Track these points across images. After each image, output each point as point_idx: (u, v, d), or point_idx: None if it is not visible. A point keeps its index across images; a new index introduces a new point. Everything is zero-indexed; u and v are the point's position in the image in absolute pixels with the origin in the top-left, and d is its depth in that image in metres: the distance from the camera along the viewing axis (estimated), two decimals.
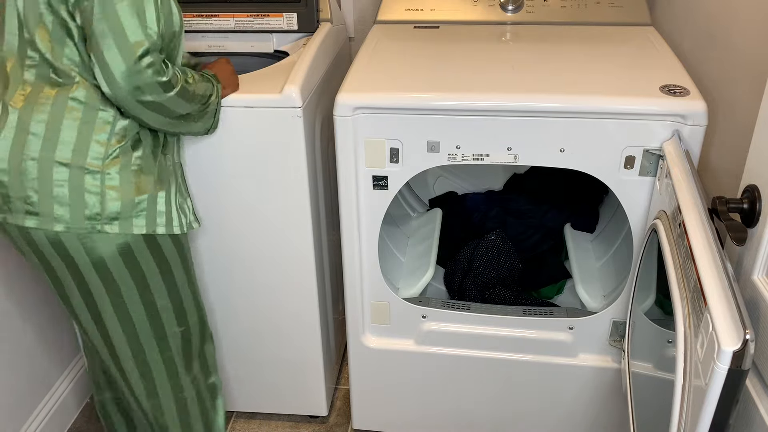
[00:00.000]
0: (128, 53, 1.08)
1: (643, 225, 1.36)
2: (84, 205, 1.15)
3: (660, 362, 1.18)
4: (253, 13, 1.64)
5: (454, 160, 1.35)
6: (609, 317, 1.47)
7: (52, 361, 1.74)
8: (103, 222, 1.17)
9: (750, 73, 1.24)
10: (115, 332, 1.28)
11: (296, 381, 1.73)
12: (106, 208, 1.16)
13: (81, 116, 1.15)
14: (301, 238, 1.51)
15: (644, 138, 1.28)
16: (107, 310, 1.25)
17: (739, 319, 0.78)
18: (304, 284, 1.57)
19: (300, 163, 1.42)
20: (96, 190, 1.15)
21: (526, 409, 1.62)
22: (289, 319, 1.62)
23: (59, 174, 1.14)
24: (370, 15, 1.99)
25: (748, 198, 0.99)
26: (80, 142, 1.14)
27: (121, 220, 1.18)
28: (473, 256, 1.71)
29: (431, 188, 2.01)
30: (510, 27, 1.69)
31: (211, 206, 1.49)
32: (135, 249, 1.21)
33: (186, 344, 1.37)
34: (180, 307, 1.33)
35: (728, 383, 0.78)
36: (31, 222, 1.15)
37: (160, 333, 1.31)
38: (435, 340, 1.56)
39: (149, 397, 1.37)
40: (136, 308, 1.26)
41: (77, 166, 1.14)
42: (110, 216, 1.17)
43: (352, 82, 1.36)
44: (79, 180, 1.14)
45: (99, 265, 1.20)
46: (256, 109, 1.37)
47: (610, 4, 1.71)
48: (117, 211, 1.17)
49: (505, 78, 1.35)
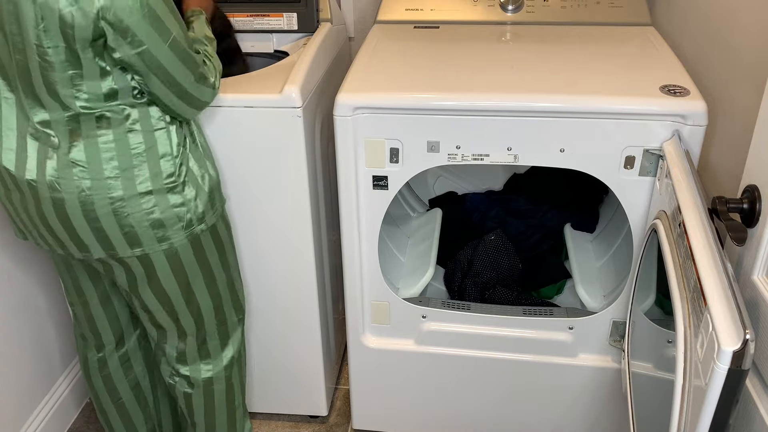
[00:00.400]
0: (194, 97, 1.17)
1: (643, 225, 1.36)
2: (179, 219, 1.21)
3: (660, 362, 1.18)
4: (253, 13, 1.64)
5: (454, 160, 1.35)
6: (609, 317, 1.47)
7: (52, 361, 1.74)
8: (196, 225, 1.23)
9: (750, 73, 1.24)
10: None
11: (296, 381, 1.73)
12: (195, 213, 1.22)
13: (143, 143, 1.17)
14: (301, 238, 1.51)
15: (644, 138, 1.28)
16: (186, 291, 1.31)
17: (739, 319, 0.78)
18: (304, 284, 1.57)
19: (300, 163, 1.42)
20: (180, 201, 1.20)
21: (526, 409, 1.62)
22: (289, 318, 1.62)
23: (147, 203, 1.17)
24: (370, 15, 1.99)
25: (748, 198, 0.99)
26: (153, 167, 1.17)
27: (206, 217, 1.25)
28: (473, 256, 1.71)
29: (431, 188, 2.01)
30: (510, 27, 1.69)
31: None
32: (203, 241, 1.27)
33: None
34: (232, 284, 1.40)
35: (728, 383, 0.78)
36: (137, 250, 1.20)
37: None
38: (435, 340, 1.56)
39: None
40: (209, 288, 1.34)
41: (158, 190, 1.18)
42: (199, 218, 1.23)
43: (352, 82, 1.36)
44: (165, 201, 1.18)
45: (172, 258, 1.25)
46: (256, 109, 1.37)
47: (610, 4, 1.71)
48: (202, 211, 1.23)
49: (505, 78, 1.35)
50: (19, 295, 1.60)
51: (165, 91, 1.13)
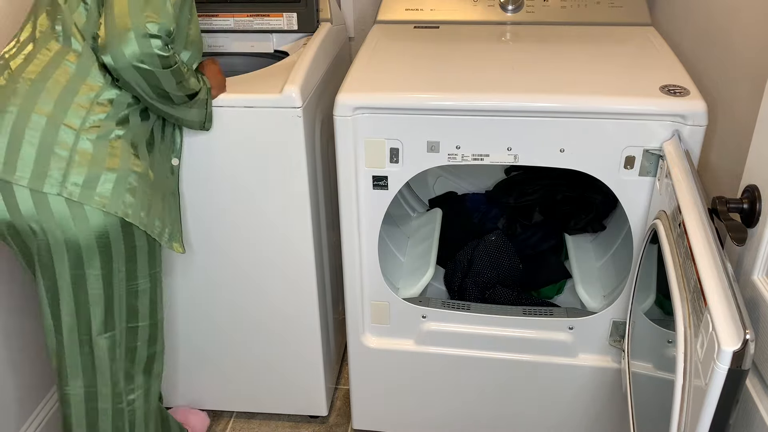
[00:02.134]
0: (141, 23, 1.11)
1: (643, 225, 1.36)
2: (47, 165, 1.15)
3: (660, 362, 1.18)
4: (253, 13, 1.64)
5: (454, 160, 1.35)
6: (609, 317, 1.47)
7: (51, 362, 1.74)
8: (67, 186, 1.15)
9: (750, 73, 1.24)
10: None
11: (296, 381, 1.73)
12: (70, 173, 1.15)
13: (69, 77, 1.17)
14: (301, 238, 1.51)
15: (644, 138, 1.28)
16: (65, 289, 1.23)
17: (739, 319, 0.78)
18: (304, 284, 1.57)
19: (300, 163, 1.42)
20: (65, 153, 1.15)
21: (526, 409, 1.62)
22: (289, 319, 1.62)
23: (34, 125, 1.14)
24: (370, 15, 1.99)
25: (748, 198, 0.99)
26: (62, 100, 1.16)
27: (83, 188, 1.16)
28: (473, 256, 1.71)
29: (431, 188, 2.01)
30: (510, 27, 1.69)
31: (211, 206, 1.49)
32: (111, 233, 1.20)
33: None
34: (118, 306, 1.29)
35: (728, 383, 0.78)
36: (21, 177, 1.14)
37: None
38: (435, 340, 1.56)
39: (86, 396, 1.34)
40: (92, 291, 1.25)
41: (54, 121, 1.15)
42: (73, 182, 1.16)
43: (352, 82, 1.36)
44: (52, 135, 1.15)
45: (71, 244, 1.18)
46: (256, 109, 1.37)
47: (610, 4, 1.71)
48: (81, 179, 1.16)
49: (505, 78, 1.35)
50: (18, 296, 1.60)
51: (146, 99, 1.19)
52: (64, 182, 1.15)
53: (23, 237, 1.20)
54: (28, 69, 1.18)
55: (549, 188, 1.85)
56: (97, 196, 1.17)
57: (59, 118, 1.15)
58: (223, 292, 1.60)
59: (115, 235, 1.21)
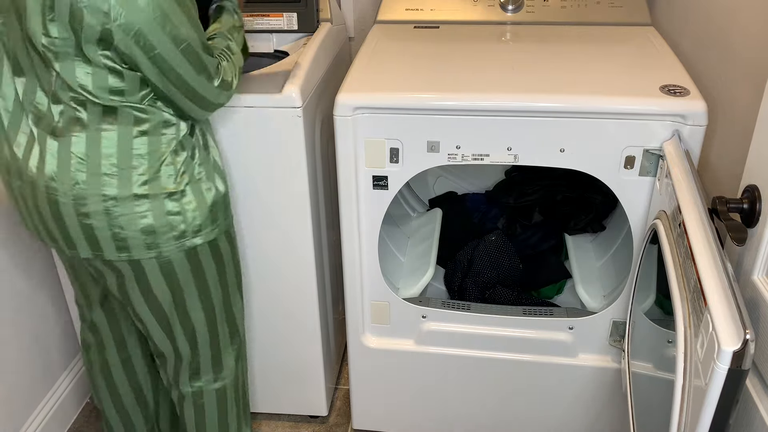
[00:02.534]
0: (206, 99, 1.15)
1: (643, 225, 1.36)
2: (171, 228, 1.17)
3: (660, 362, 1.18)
4: (253, 13, 1.63)
5: (454, 160, 1.35)
6: (609, 317, 1.47)
7: (52, 361, 1.74)
8: (189, 237, 1.20)
9: (750, 73, 1.24)
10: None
11: (296, 381, 1.73)
12: (190, 225, 1.19)
13: (132, 144, 1.14)
14: (301, 238, 1.51)
15: (644, 138, 1.28)
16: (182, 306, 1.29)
17: (739, 319, 0.78)
18: (304, 284, 1.57)
19: (300, 163, 1.42)
20: (176, 210, 1.17)
21: (526, 408, 1.62)
22: (290, 319, 1.62)
23: (141, 206, 1.14)
24: (370, 15, 1.99)
25: (748, 198, 0.99)
26: (152, 170, 1.14)
27: (203, 230, 1.21)
28: (473, 256, 1.71)
29: (431, 188, 2.01)
30: (510, 27, 1.69)
31: None
32: (201, 253, 1.24)
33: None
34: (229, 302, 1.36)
35: (728, 383, 0.78)
36: (124, 255, 1.17)
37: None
38: (435, 340, 1.56)
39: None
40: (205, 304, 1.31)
41: (154, 195, 1.15)
42: (194, 230, 1.20)
43: (352, 82, 1.36)
44: (160, 207, 1.15)
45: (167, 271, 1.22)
46: (256, 109, 1.37)
47: (610, 4, 1.71)
48: (199, 224, 1.20)
49: (505, 78, 1.35)
50: (19, 295, 1.60)
51: (176, 93, 1.12)
52: (185, 240, 1.20)
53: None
54: (72, 144, 1.12)
55: (549, 188, 1.85)
56: (203, 238, 1.23)
57: (156, 191, 1.16)
58: None
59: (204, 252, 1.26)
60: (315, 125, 1.48)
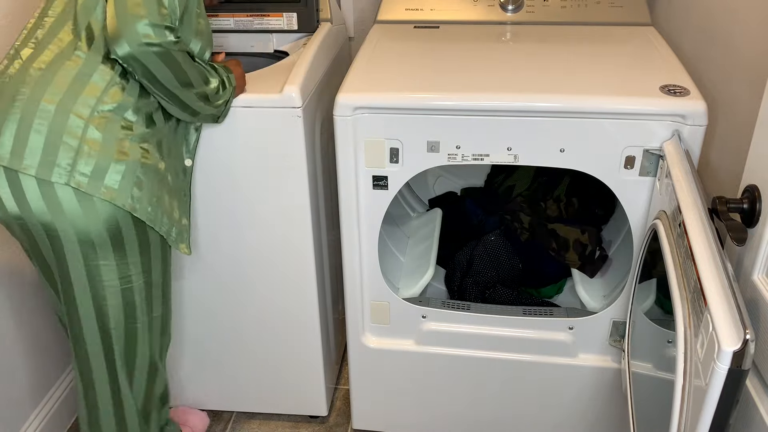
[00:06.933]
0: (154, 10, 1.12)
1: (643, 225, 1.36)
2: (55, 154, 1.13)
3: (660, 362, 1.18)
4: (253, 13, 1.63)
5: (454, 160, 1.35)
6: (609, 317, 1.47)
7: (51, 362, 1.74)
8: (72, 176, 1.14)
9: (750, 73, 1.24)
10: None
11: (296, 381, 1.73)
12: (78, 163, 1.14)
13: (79, 67, 1.16)
14: (301, 238, 1.51)
15: (644, 138, 1.28)
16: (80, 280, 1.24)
17: (739, 319, 0.78)
18: (304, 284, 1.57)
19: (300, 163, 1.42)
20: (74, 142, 1.14)
21: (526, 409, 1.62)
22: (289, 319, 1.62)
23: (43, 113, 1.13)
24: (370, 15, 1.99)
25: (748, 198, 0.99)
26: (72, 90, 1.15)
27: (90, 179, 1.15)
28: (473, 255, 1.71)
29: (431, 188, 2.01)
30: (510, 27, 1.69)
31: (211, 206, 1.49)
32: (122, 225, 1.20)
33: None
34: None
35: (728, 383, 0.78)
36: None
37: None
38: (435, 340, 1.56)
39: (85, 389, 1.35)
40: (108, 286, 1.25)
41: (63, 109, 1.14)
42: (81, 171, 1.14)
43: (352, 82, 1.36)
44: (61, 123, 1.14)
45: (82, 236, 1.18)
46: (256, 109, 1.37)
47: (610, 4, 1.71)
48: (89, 169, 1.15)
49: (505, 78, 1.35)
50: (16, 297, 1.60)
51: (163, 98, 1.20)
52: (72, 172, 1.14)
53: (33, 232, 1.19)
54: (39, 58, 1.17)
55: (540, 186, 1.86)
56: (104, 188, 1.16)
57: (68, 106, 1.14)
58: (223, 292, 1.60)
59: (127, 227, 1.20)
60: (315, 125, 1.48)
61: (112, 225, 1.18)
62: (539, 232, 1.72)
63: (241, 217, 1.49)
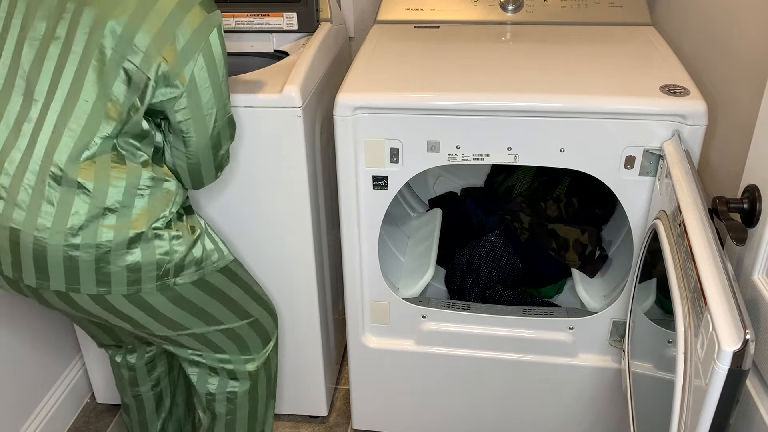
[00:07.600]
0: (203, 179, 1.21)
1: (643, 225, 1.36)
2: (156, 267, 1.11)
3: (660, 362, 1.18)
4: (253, 13, 1.63)
5: (454, 160, 1.35)
6: (609, 317, 1.47)
7: (52, 361, 1.74)
8: (173, 276, 1.14)
9: (750, 73, 1.24)
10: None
11: (296, 381, 1.73)
12: (174, 262, 1.13)
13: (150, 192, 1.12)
14: (301, 238, 1.51)
15: (644, 138, 1.28)
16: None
17: (739, 319, 0.78)
18: (304, 284, 1.57)
19: (300, 163, 1.42)
20: (164, 249, 1.12)
21: (526, 408, 1.62)
22: (289, 319, 1.62)
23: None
24: (370, 15, 1.99)
25: (748, 198, 0.99)
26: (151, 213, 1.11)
27: (186, 270, 1.16)
28: (473, 255, 1.71)
29: (431, 188, 2.01)
30: (510, 27, 1.69)
31: (211, 206, 1.49)
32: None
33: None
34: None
35: (728, 383, 0.78)
36: (103, 290, 1.10)
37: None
38: (435, 340, 1.56)
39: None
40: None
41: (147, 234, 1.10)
42: (178, 269, 1.15)
43: (352, 82, 1.36)
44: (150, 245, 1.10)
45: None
46: (256, 109, 1.37)
47: (610, 4, 1.71)
48: (182, 262, 1.15)
49: (505, 78, 1.35)
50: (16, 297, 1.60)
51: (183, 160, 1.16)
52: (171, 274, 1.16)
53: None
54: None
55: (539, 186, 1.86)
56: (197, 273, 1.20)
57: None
58: None
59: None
60: (315, 125, 1.48)
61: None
62: (539, 232, 1.72)
63: (240, 217, 1.49)
